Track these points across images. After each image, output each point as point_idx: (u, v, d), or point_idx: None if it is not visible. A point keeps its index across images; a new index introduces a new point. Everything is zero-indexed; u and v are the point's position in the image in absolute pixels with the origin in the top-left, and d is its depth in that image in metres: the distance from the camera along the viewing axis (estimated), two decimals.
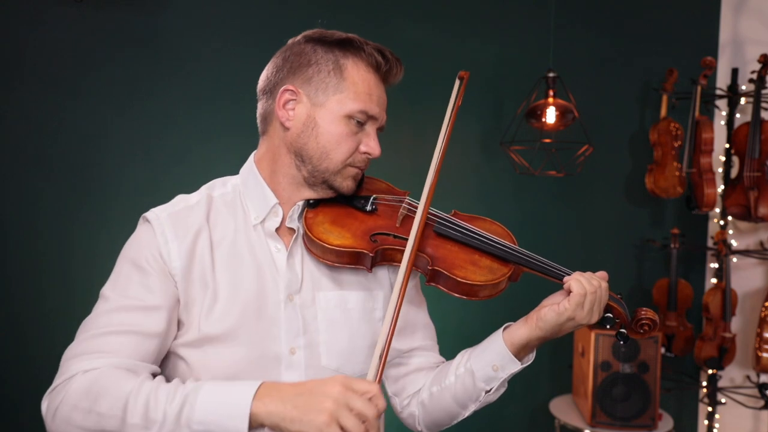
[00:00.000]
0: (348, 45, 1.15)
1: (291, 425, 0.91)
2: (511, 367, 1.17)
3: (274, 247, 1.16)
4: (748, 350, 3.03)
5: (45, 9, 2.34)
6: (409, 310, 1.31)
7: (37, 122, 2.37)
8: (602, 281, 1.16)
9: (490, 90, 2.94)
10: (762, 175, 2.80)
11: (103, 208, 2.44)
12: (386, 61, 1.16)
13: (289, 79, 1.15)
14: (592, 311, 1.14)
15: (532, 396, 3.07)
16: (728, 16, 3.13)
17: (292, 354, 1.13)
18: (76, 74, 2.40)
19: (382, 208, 1.23)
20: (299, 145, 1.15)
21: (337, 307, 1.18)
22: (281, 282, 1.15)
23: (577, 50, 2.96)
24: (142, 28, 2.46)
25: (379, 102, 1.17)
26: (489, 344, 1.20)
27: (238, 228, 1.17)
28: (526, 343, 1.16)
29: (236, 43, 2.57)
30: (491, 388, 1.19)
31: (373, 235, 1.17)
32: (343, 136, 1.14)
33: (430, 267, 1.14)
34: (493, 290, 1.16)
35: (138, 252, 1.11)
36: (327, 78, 1.14)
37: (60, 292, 2.39)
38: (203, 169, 2.49)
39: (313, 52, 1.15)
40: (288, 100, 1.15)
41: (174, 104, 2.52)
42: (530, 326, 1.16)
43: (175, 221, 1.13)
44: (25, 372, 2.36)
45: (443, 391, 1.23)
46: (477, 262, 1.17)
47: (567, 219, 3.02)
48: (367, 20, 2.72)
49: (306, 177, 1.17)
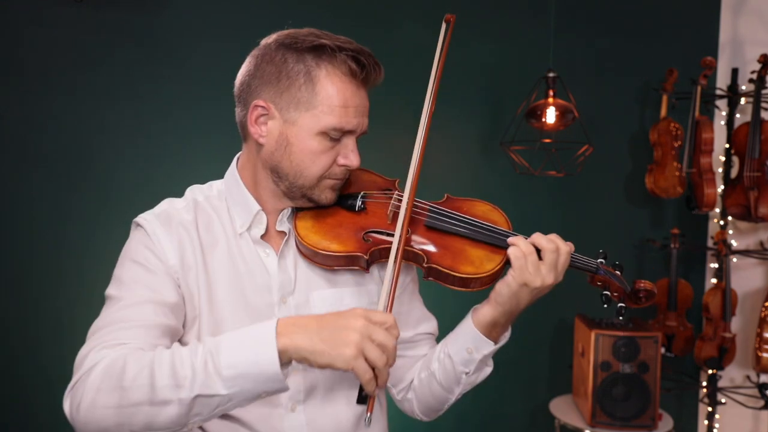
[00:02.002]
0: (321, 52, 1.08)
1: (320, 358, 0.91)
2: (485, 347, 1.17)
3: (263, 253, 1.16)
4: (748, 350, 3.03)
5: (44, 8, 2.34)
6: (412, 301, 1.32)
7: (36, 121, 2.37)
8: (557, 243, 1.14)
9: (490, 90, 2.94)
10: (762, 175, 2.80)
11: (102, 207, 2.44)
12: (362, 68, 1.09)
13: (261, 91, 1.10)
14: (539, 272, 1.11)
15: (532, 396, 3.07)
16: (728, 16, 3.13)
17: None
18: (75, 73, 2.40)
19: (371, 205, 1.20)
20: (274, 162, 1.12)
21: (333, 306, 1.17)
22: (274, 285, 1.15)
23: (577, 50, 2.96)
24: (141, 27, 2.46)
25: (356, 112, 1.10)
26: (461, 328, 1.20)
27: (228, 234, 1.16)
28: (492, 321, 1.16)
29: (235, 42, 2.56)
30: (469, 370, 1.19)
31: (365, 234, 1.15)
32: (316, 153, 1.10)
33: (425, 264, 1.13)
34: (491, 279, 1.14)
35: (137, 253, 1.11)
36: (298, 93, 1.08)
37: (57, 290, 2.39)
38: (202, 168, 2.49)
39: (284, 62, 1.09)
40: (259, 115, 1.11)
41: (173, 104, 2.52)
42: (491, 304, 1.15)
43: (164, 221, 1.13)
44: (14, 370, 2.36)
45: (430, 377, 1.24)
46: (471, 253, 1.14)
47: (567, 219, 3.02)
48: (367, 20, 2.72)
49: (285, 191, 1.15)
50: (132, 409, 0.91)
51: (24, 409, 2.38)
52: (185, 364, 0.92)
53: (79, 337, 1.05)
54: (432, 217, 1.18)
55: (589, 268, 1.21)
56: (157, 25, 2.49)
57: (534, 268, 1.11)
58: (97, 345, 0.99)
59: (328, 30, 1.17)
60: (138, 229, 1.14)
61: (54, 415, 2.43)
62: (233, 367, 0.91)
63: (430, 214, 1.18)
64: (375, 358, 0.92)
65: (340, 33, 1.15)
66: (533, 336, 3.04)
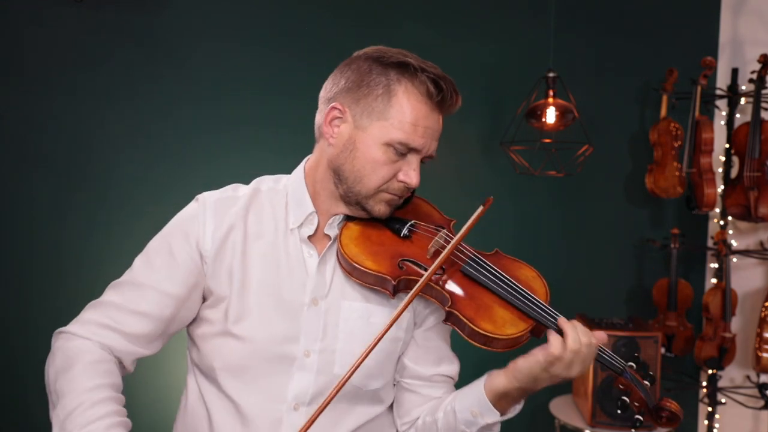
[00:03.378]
0: (404, 69, 1.13)
1: None
2: (490, 416, 1.15)
3: (306, 252, 1.19)
4: (748, 350, 3.03)
5: (44, 8, 2.34)
6: (438, 339, 1.28)
7: (36, 121, 2.37)
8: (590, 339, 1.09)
9: (490, 90, 2.94)
10: (762, 175, 2.80)
11: (102, 207, 2.44)
12: (439, 91, 1.12)
13: (341, 96, 1.15)
14: (569, 369, 1.09)
15: (532, 396, 3.06)
16: (728, 16, 3.13)
17: (306, 356, 1.15)
18: (75, 73, 2.40)
19: (417, 235, 1.21)
20: (338, 163, 1.16)
21: (360, 319, 1.18)
22: (308, 285, 1.17)
23: (577, 50, 2.96)
24: (141, 27, 2.46)
25: (425, 133, 1.13)
26: (471, 388, 1.19)
27: (278, 227, 1.20)
28: (504, 392, 1.13)
29: (235, 42, 2.57)
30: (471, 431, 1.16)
31: (401, 261, 1.15)
32: (379, 163, 1.13)
33: (446, 307, 1.11)
34: (510, 344, 1.11)
35: (178, 231, 1.18)
36: (374, 102, 1.12)
37: (57, 290, 2.39)
38: (203, 167, 2.51)
39: (368, 72, 1.14)
40: (335, 117, 1.16)
41: (173, 104, 2.52)
42: (507, 376, 1.13)
43: (218, 208, 1.18)
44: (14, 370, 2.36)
45: (432, 424, 1.22)
46: (498, 312, 1.11)
47: (567, 219, 3.02)
48: (367, 20, 2.72)
49: (342, 195, 1.18)
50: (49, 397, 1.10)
51: (24, 409, 2.38)
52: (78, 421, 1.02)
53: None
54: (470, 264, 1.16)
55: (614, 367, 1.15)
56: (157, 25, 2.48)
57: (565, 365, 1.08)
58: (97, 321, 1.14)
59: (328, 30, 1.18)
60: (195, 203, 1.21)
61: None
62: None
63: (469, 261, 1.17)
64: None
65: (340, 33, 1.17)
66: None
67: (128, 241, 1.41)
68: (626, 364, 1.15)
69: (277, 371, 1.15)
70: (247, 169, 1.44)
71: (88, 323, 1.14)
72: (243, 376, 1.16)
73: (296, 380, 1.15)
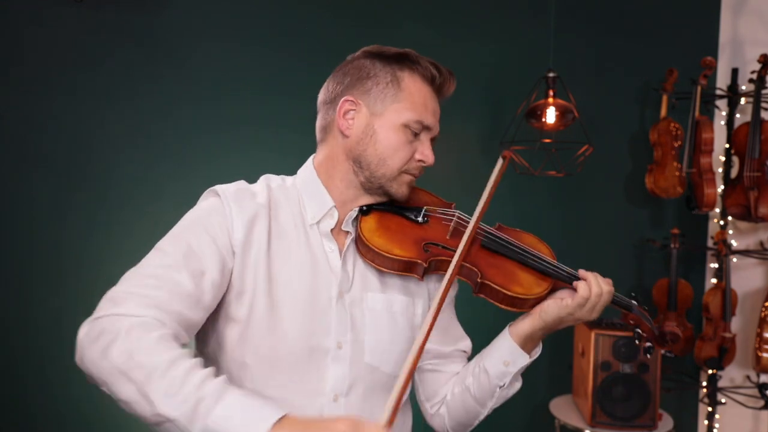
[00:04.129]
0: (404, 59, 1.22)
1: None
2: (521, 360, 1.25)
3: (328, 247, 1.22)
4: (748, 350, 3.03)
5: (44, 8, 2.34)
6: (452, 318, 1.39)
7: (36, 121, 2.37)
8: (610, 286, 1.24)
9: (490, 90, 2.94)
10: (762, 175, 2.80)
11: (102, 207, 2.44)
12: (440, 74, 1.23)
13: (349, 91, 1.22)
14: (591, 311, 1.23)
15: (532, 396, 3.07)
16: (728, 16, 3.13)
17: (339, 348, 1.18)
18: (75, 73, 2.40)
19: (433, 219, 1.28)
20: (358, 152, 1.21)
21: (384, 309, 1.24)
22: (334, 279, 1.20)
23: (577, 50, 2.96)
24: (141, 27, 2.46)
25: (433, 113, 1.24)
26: (498, 342, 1.28)
27: (297, 224, 1.22)
28: (530, 333, 1.24)
29: (235, 42, 2.57)
30: (504, 383, 1.26)
31: (426, 245, 1.22)
32: (400, 143, 1.20)
33: (479, 279, 1.20)
34: (537, 302, 1.23)
35: (207, 218, 1.14)
36: (385, 89, 1.20)
37: (57, 290, 2.39)
38: (203, 167, 2.51)
39: (372, 66, 1.22)
40: (348, 110, 1.21)
41: (173, 104, 2.52)
42: (533, 317, 1.23)
43: (240, 199, 1.18)
44: (14, 370, 2.36)
45: (464, 392, 1.30)
46: (521, 276, 1.24)
47: (567, 219, 3.02)
48: (367, 20, 2.72)
49: (363, 182, 1.23)
50: (122, 379, 0.93)
51: (23, 409, 2.38)
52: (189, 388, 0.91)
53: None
54: (489, 238, 1.26)
55: (625, 305, 1.30)
56: (157, 25, 2.49)
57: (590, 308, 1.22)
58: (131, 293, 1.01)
59: (328, 30, 1.20)
60: (215, 197, 1.18)
61: (53, 415, 2.44)
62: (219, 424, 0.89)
63: (487, 235, 1.27)
64: None
65: (340, 33, 1.19)
66: None
67: (128, 241, 1.41)
68: (632, 302, 1.30)
69: (312, 364, 1.16)
70: (247, 169, 1.44)
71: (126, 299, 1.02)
72: (280, 371, 1.16)
73: (332, 371, 1.18)
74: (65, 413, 2.41)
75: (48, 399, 2.41)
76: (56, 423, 2.43)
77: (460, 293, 1.40)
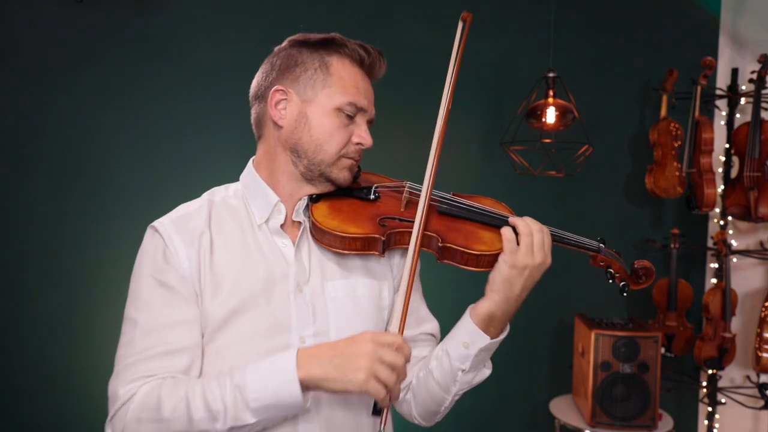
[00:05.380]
0: (331, 43, 1.21)
1: (334, 385, 1.02)
2: (479, 341, 1.19)
3: (281, 243, 1.21)
4: (748, 350, 3.03)
5: (44, 8, 2.34)
6: (414, 300, 1.34)
7: (36, 121, 2.37)
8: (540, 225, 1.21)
9: (490, 90, 2.94)
10: (762, 175, 2.80)
11: (102, 207, 2.44)
12: (369, 55, 1.21)
13: (279, 81, 1.20)
14: (531, 253, 1.16)
15: (532, 396, 3.07)
16: (728, 16, 3.13)
17: (302, 343, 1.17)
18: (75, 73, 2.40)
19: (384, 194, 1.27)
20: (293, 141, 1.19)
21: (346, 296, 1.22)
22: (290, 273, 1.19)
23: (577, 50, 2.96)
24: (141, 27, 2.46)
25: (366, 94, 1.21)
26: (458, 324, 1.23)
27: (244, 229, 1.20)
28: (489, 313, 1.18)
29: (235, 42, 2.57)
30: (465, 367, 1.20)
31: (381, 220, 1.21)
32: (334, 128, 1.18)
33: (440, 244, 1.17)
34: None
35: (155, 265, 1.15)
36: (314, 75, 1.19)
37: (57, 290, 2.39)
38: (202, 167, 2.51)
39: (299, 54, 1.20)
40: (279, 99, 1.20)
41: (173, 103, 2.52)
42: (487, 295, 1.18)
43: (179, 226, 1.17)
44: (14, 370, 2.36)
45: (427, 375, 1.26)
46: (482, 234, 1.21)
47: (567, 219, 3.01)
48: (367, 20, 2.72)
49: (303, 172, 1.21)
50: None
51: (24, 409, 2.38)
52: (216, 399, 1.03)
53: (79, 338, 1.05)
54: (444, 203, 1.25)
55: (589, 247, 1.28)
56: (157, 25, 2.49)
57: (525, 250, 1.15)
58: (127, 378, 1.09)
59: (328, 30, 1.20)
60: (154, 234, 1.18)
61: (53, 415, 2.44)
62: (259, 400, 1.03)
63: (442, 201, 1.25)
64: (386, 378, 1.00)
65: (340, 33, 1.19)
66: (533, 336, 3.04)
67: (128, 241, 1.40)
68: (591, 241, 1.31)
69: None
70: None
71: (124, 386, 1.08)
72: None
73: None
74: (65, 413, 2.41)
75: (48, 399, 2.41)
76: (56, 423, 2.43)
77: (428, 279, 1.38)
